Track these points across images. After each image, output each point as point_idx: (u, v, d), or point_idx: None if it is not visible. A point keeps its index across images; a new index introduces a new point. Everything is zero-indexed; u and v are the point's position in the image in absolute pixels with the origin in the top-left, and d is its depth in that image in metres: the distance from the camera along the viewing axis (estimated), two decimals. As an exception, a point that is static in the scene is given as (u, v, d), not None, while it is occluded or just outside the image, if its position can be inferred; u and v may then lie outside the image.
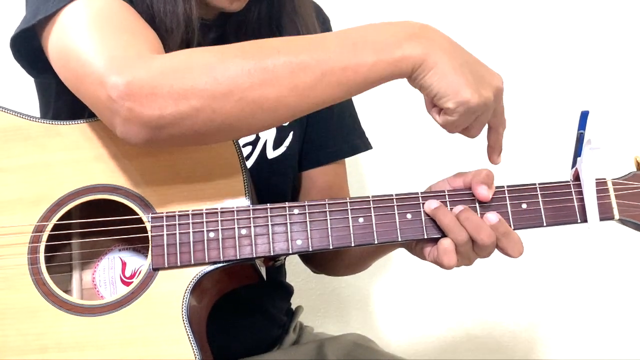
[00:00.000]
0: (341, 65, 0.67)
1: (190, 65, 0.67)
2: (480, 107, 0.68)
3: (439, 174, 1.30)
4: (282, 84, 0.66)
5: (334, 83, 0.67)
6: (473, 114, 0.69)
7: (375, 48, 0.67)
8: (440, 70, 0.67)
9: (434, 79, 0.67)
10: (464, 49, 0.71)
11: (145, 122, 0.66)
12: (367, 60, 0.67)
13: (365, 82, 0.68)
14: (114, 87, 0.66)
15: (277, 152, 0.94)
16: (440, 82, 0.67)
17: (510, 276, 1.35)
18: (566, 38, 1.35)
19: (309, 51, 0.67)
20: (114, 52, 0.68)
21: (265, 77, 0.66)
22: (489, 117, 0.73)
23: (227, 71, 0.66)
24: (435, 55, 0.67)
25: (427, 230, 0.76)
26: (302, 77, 0.66)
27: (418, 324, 1.39)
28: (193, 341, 0.74)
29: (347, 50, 0.67)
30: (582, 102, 1.32)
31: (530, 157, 1.33)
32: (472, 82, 0.68)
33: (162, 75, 0.66)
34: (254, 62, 0.66)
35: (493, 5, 1.35)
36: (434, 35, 0.69)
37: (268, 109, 0.67)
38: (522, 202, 0.77)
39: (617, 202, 0.77)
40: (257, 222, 0.76)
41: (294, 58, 0.66)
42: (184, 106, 0.66)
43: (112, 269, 0.85)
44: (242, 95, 0.66)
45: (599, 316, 1.40)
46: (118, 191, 0.78)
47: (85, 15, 0.72)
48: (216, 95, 0.66)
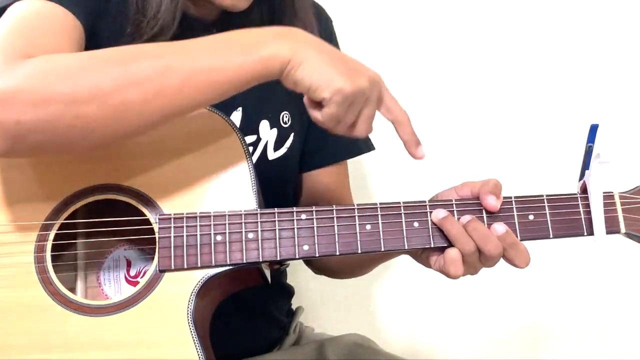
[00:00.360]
0: (207, 66, 0.67)
1: (53, 70, 0.65)
2: (356, 94, 0.68)
3: (442, 175, 1.30)
4: (146, 87, 0.65)
5: (201, 85, 0.67)
6: (351, 104, 0.69)
7: (242, 49, 0.67)
8: (310, 64, 0.67)
9: (304, 72, 0.67)
10: (333, 47, 0.71)
11: (2, 130, 0.64)
12: (234, 61, 0.67)
13: (234, 82, 0.68)
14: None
15: (278, 153, 0.94)
16: (312, 75, 0.67)
17: (510, 277, 1.35)
18: (577, 51, 1.34)
19: (174, 54, 0.67)
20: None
21: (128, 80, 0.65)
22: (372, 108, 0.71)
23: (89, 75, 0.65)
24: (303, 51, 0.67)
25: (434, 239, 0.76)
26: (168, 79, 0.66)
27: (418, 324, 1.39)
28: (198, 343, 0.74)
29: (214, 52, 0.67)
30: (591, 114, 1.32)
31: (538, 169, 1.33)
32: (344, 71, 0.68)
33: (24, 81, 0.64)
34: (118, 66, 0.66)
35: (503, 15, 1.34)
36: (300, 35, 0.70)
37: (133, 113, 0.66)
38: (529, 214, 0.77)
39: (623, 215, 0.77)
40: (265, 226, 0.76)
41: (159, 61, 0.66)
42: (43, 112, 0.64)
43: (117, 268, 0.84)
44: (105, 99, 0.65)
45: (598, 317, 1.40)
46: (125, 191, 0.78)
47: (14, 13, 0.73)
48: (77, 100, 0.64)
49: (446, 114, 1.34)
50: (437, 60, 1.32)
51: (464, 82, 1.34)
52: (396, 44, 1.31)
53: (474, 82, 1.34)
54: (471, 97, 1.34)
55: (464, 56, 1.33)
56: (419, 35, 1.32)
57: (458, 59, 1.33)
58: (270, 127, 0.92)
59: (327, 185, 1.01)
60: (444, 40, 1.33)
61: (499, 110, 1.34)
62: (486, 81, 1.34)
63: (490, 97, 1.34)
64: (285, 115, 0.94)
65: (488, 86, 1.34)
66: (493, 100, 1.34)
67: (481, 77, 1.34)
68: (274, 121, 0.93)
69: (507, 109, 1.34)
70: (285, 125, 0.94)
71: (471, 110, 1.34)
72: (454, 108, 1.34)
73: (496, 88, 1.34)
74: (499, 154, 1.33)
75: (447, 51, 1.33)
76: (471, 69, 1.34)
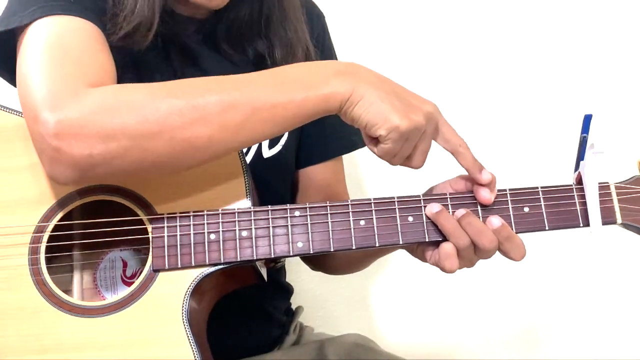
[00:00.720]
0: (271, 102, 0.68)
1: (120, 104, 0.67)
2: (412, 130, 0.69)
3: (436, 169, 1.29)
4: (213, 122, 0.67)
5: (263, 120, 0.68)
6: (406, 139, 0.70)
7: (304, 85, 0.69)
8: (367, 102, 0.68)
9: (361, 110, 0.68)
10: (392, 81, 0.72)
11: (73, 163, 0.66)
12: (295, 97, 0.68)
13: (294, 118, 0.69)
14: (45, 124, 0.66)
15: (273, 150, 0.93)
16: (368, 112, 0.68)
17: (510, 276, 1.34)
18: (569, 41, 1.34)
19: (238, 89, 0.68)
20: (53, 85, 0.68)
21: (196, 115, 0.66)
22: (428, 142, 0.72)
23: (158, 110, 0.66)
24: (362, 88, 0.69)
25: (429, 234, 0.76)
26: (233, 114, 0.67)
27: (418, 324, 1.38)
28: (193, 343, 0.73)
29: (276, 88, 0.69)
30: (585, 105, 1.31)
31: (533, 161, 1.32)
32: (400, 108, 0.69)
33: (92, 114, 0.66)
34: (185, 100, 0.67)
35: (495, 6, 1.34)
36: (360, 71, 0.71)
37: (200, 148, 0.68)
38: (524, 206, 0.76)
39: (619, 206, 0.76)
40: (258, 223, 0.76)
41: (224, 96, 0.67)
42: (112, 146, 0.66)
43: (113, 269, 0.84)
44: (173, 135, 0.66)
45: (598, 316, 1.39)
46: (119, 192, 0.77)
47: (43, 38, 0.73)
48: (146, 135, 0.66)
49: (442, 108, 1.32)
50: (432, 56, 1.32)
51: (456, 74, 1.33)
52: (392, 42, 1.31)
53: (467, 74, 1.33)
54: (464, 89, 1.33)
55: (458, 50, 1.33)
56: (413, 32, 1.31)
57: (452, 52, 1.33)
58: None
59: (324, 181, 1.01)
60: (438, 35, 1.32)
61: (492, 103, 1.34)
62: (479, 73, 1.33)
63: (483, 89, 1.33)
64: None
65: (481, 78, 1.33)
66: (487, 92, 1.33)
67: (474, 69, 1.33)
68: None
69: (500, 101, 1.34)
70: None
71: (465, 103, 1.33)
72: (447, 101, 1.32)
73: (489, 80, 1.33)
74: (493, 147, 1.32)
75: (442, 46, 1.32)
76: (463, 60, 1.33)
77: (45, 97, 0.68)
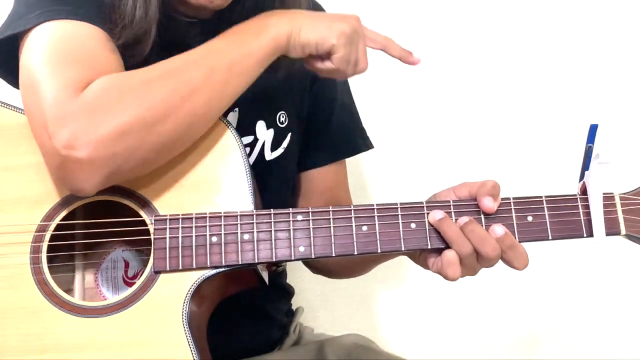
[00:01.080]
0: (239, 56, 0.75)
1: (123, 98, 0.69)
2: (353, 32, 0.78)
3: (440, 176, 1.29)
4: (203, 89, 0.72)
5: (239, 73, 0.75)
6: (351, 43, 0.78)
7: (256, 34, 0.77)
8: (308, 27, 0.77)
9: (306, 34, 0.77)
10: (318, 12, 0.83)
11: (97, 168, 0.68)
12: (254, 45, 0.76)
13: (259, 64, 0.77)
14: (57, 138, 0.67)
15: (275, 153, 0.93)
16: (313, 33, 0.77)
17: (510, 277, 1.33)
18: (577, 51, 1.33)
19: (212, 54, 0.75)
20: (58, 92, 0.69)
21: (189, 88, 0.72)
22: (364, 43, 0.80)
23: (157, 95, 0.70)
24: (297, 20, 0.78)
25: (431, 241, 0.75)
26: (216, 77, 0.73)
27: (418, 324, 1.38)
28: (192, 345, 0.73)
29: (237, 44, 0.76)
30: (591, 115, 1.30)
31: (537, 170, 1.31)
32: (335, 19, 0.78)
33: (100, 116, 0.68)
34: (173, 78, 0.72)
35: (502, 16, 1.33)
36: (291, 10, 0.81)
37: (202, 115, 0.74)
38: (527, 215, 0.76)
39: (624, 217, 0.76)
40: (260, 227, 0.75)
41: (204, 64, 0.74)
42: (130, 140, 0.69)
43: (115, 269, 0.84)
44: (177, 112, 0.71)
45: (598, 317, 1.39)
46: (122, 192, 0.77)
47: (46, 41, 0.73)
48: (155, 121, 0.69)
49: (446, 114, 1.32)
50: (437, 61, 1.31)
51: (463, 82, 1.32)
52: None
53: (474, 82, 1.32)
54: (471, 97, 1.33)
55: (464, 57, 1.32)
56: (418, 35, 1.30)
57: (458, 59, 1.32)
58: (266, 127, 0.91)
59: (326, 185, 1.00)
60: (443, 40, 1.31)
61: (498, 111, 1.33)
62: (486, 82, 1.33)
63: (489, 97, 1.33)
64: (282, 115, 0.93)
65: (488, 87, 1.33)
66: (492, 100, 1.33)
67: (481, 78, 1.33)
68: (270, 121, 0.92)
69: (506, 109, 1.33)
70: (282, 126, 0.93)
71: (471, 111, 1.32)
72: (453, 108, 1.33)
73: (496, 88, 1.33)
74: (498, 155, 1.32)
75: (447, 51, 1.32)
76: (471, 70, 1.32)
77: (52, 107, 0.68)
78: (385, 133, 1.28)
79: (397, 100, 1.30)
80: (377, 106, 1.27)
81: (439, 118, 1.32)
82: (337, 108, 0.99)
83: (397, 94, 1.30)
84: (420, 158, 1.33)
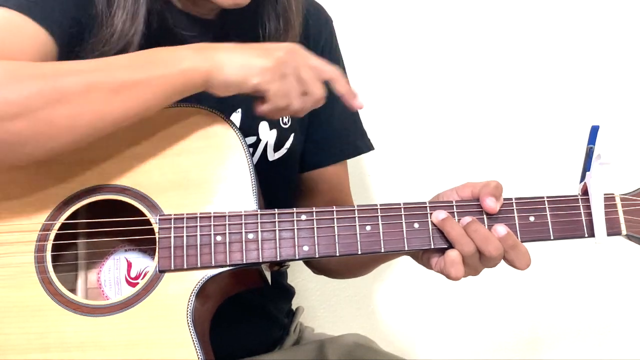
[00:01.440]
0: (132, 81, 0.69)
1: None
2: (279, 65, 0.72)
3: (443, 176, 1.29)
4: (73, 102, 0.67)
5: (127, 99, 0.69)
6: (282, 76, 0.72)
7: (164, 64, 0.71)
8: (229, 64, 0.71)
9: (227, 73, 0.71)
10: (246, 44, 0.74)
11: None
12: (155, 74, 0.70)
13: (157, 95, 0.70)
14: None
15: (278, 154, 0.93)
16: (234, 72, 0.71)
17: (510, 277, 1.34)
18: (578, 52, 1.33)
19: (101, 70, 0.69)
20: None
21: (56, 96, 0.66)
22: (307, 70, 0.74)
23: (19, 91, 0.65)
24: (219, 56, 0.71)
25: (434, 241, 0.75)
26: (95, 95, 0.67)
27: (419, 324, 1.38)
28: (197, 344, 0.73)
29: (137, 68, 0.70)
30: (592, 115, 1.31)
31: (539, 170, 1.32)
32: (258, 53, 0.72)
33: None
34: (45, 81, 0.66)
35: (504, 15, 1.33)
36: (215, 44, 0.73)
37: (63, 128, 0.67)
38: (529, 215, 0.76)
39: (625, 217, 0.76)
40: (265, 226, 0.76)
41: (86, 77, 0.68)
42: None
43: (118, 269, 0.84)
44: (34, 115, 0.65)
45: (598, 317, 1.39)
46: (126, 192, 0.77)
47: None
48: (7, 116, 0.65)
49: (448, 115, 1.33)
50: (439, 62, 1.31)
51: (465, 83, 1.33)
52: (397, 45, 1.30)
53: (476, 83, 1.33)
54: (473, 98, 1.33)
55: (466, 58, 1.32)
56: (421, 36, 1.31)
57: (460, 60, 1.32)
58: (269, 128, 0.92)
59: (327, 185, 1.01)
60: (445, 41, 1.32)
61: (500, 111, 1.33)
62: (488, 82, 1.33)
63: (491, 98, 1.33)
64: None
65: (490, 87, 1.33)
66: (495, 101, 1.33)
67: (483, 78, 1.33)
68: (273, 122, 0.92)
69: (508, 110, 1.33)
70: (285, 126, 0.93)
71: (473, 111, 1.33)
72: (456, 109, 1.33)
73: (498, 89, 1.33)
74: (500, 155, 1.32)
75: (449, 52, 1.32)
76: (473, 70, 1.32)
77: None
78: (388, 133, 1.28)
79: (400, 101, 1.30)
80: (379, 106, 1.27)
81: (441, 118, 1.32)
82: (338, 109, 0.99)
83: (400, 95, 1.30)
84: (423, 158, 1.33)
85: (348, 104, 0.77)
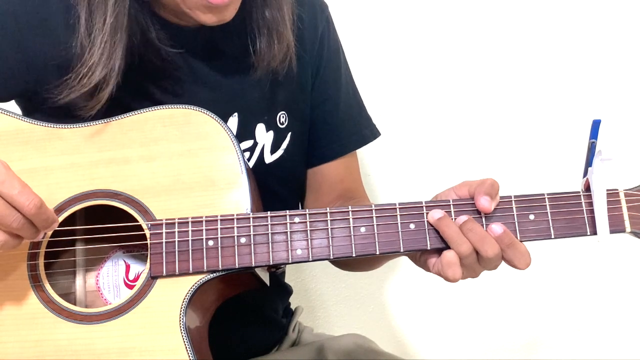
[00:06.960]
0: None
1: None
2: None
3: (442, 173, 1.25)
4: None
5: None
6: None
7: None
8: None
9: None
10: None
11: None
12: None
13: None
14: None
15: (275, 155, 0.89)
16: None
17: (510, 278, 1.30)
18: (578, 46, 1.28)
19: None
20: None
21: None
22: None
23: None
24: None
25: (431, 241, 0.71)
26: None
27: (418, 325, 1.35)
28: (190, 351, 0.69)
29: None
30: (594, 110, 1.25)
31: (539, 167, 1.27)
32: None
33: None
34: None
35: (503, 10, 1.28)
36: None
37: None
38: (529, 213, 0.71)
39: (629, 214, 0.71)
40: (257, 230, 0.72)
41: None
42: None
43: (116, 272, 0.81)
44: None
45: (598, 317, 1.35)
46: (118, 197, 0.74)
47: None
48: None
49: (446, 111, 1.28)
50: (437, 60, 1.27)
51: (463, 78, 1.28)
52: (397, 45, 1.26)
53: (474, 78, 1.28)
54: (471, 93, 1.28)
55: (465, 55, 1.27)
56: (419, 36, 1.26)
57: (458, 57, 1.27)
58: (266, 130, 0.88)
59: (337, 178, 0.96)
60: (443, 39, 1.27)
61: (499, 107, 1.29)
62: (486, 77, 1.28)
63: (490, 93, 1.28)
64: (283, 115, 0.89)
65: (488, 82, 1.28)
66: (493, 96, 1.28)
67: (481, 74, 1.28)
68: (270, 123, 0.88)
69: (507, 105, 1.28)
70: (281, 127, 0.90)
71: (471, 108, 1.28)
72: (454, 105, 1.28)
73: (496, 84, 1.28)
74: (500, 152, 1.28)
75: (447, 50, 1.27)
76: (470, 65, 1.27)
77: None
78: (388, 133, 1.23)
79: (398, 100, 1.27)
80: (379, 106, 1.23)
81: (439, 116, 1.28)
82: (342, 101, 0.95)
83: (398, 93, 1.27)
84: (423, 158, 1.29)
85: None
